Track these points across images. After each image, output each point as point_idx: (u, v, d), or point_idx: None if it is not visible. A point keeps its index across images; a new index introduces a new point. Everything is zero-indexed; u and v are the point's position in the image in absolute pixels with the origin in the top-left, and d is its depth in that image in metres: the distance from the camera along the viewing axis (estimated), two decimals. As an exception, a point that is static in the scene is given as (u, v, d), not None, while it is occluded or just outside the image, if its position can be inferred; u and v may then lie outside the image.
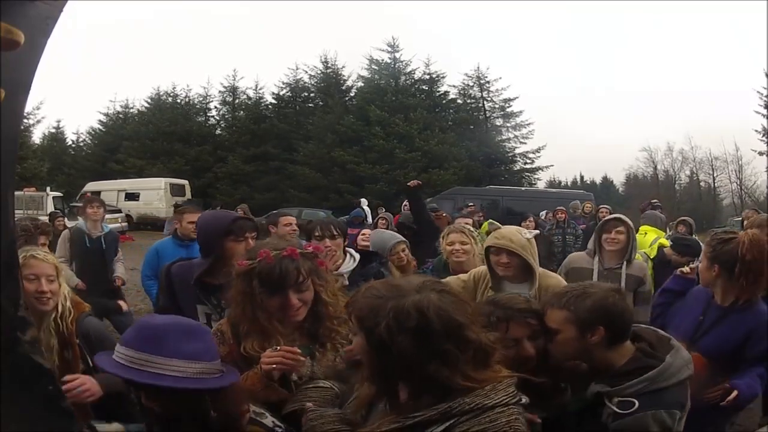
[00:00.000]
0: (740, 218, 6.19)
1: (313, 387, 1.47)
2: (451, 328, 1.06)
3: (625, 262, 3.24)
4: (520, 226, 3.56)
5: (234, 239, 2.11)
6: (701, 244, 4.75)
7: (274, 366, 1.43)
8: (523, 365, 1.46)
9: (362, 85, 27.62)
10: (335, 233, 3.04)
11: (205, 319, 2.11)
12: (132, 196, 20.85)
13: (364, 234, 4.53)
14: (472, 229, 3.62)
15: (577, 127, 58.42)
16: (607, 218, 3.47)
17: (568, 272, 3.47)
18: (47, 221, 6.06)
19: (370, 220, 9.43)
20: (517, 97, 27.30)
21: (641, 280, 3.16)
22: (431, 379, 1.07)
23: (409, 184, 5.49)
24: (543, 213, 10.35)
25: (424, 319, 1.05)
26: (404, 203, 10.04)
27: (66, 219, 8.02)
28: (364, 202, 12.82)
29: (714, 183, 30.45)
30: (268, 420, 1.34)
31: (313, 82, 29.19)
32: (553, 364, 1.58)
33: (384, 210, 9.21)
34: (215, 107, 30.45)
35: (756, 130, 24.71)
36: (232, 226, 2.12)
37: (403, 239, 3.56)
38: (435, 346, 1.06)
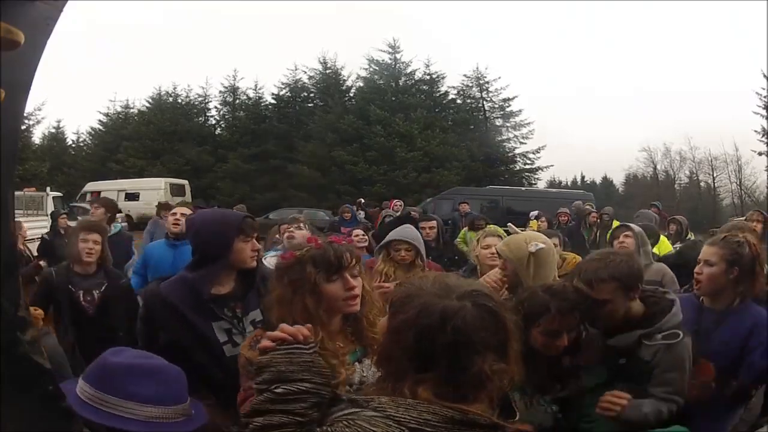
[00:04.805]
0: (744, 219, 6.20)
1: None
2: (459, 346, 0.98)
3: None
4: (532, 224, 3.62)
5: (244, 239, 2.00)
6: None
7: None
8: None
9: (362, 85, 27.62)
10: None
11: (226, 336, 1.94)
12: (132, 196, 20.81)
13: (357, 235, 4.47)
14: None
15: (577, 127, 58.50)
16: (618, 225, 3.82)
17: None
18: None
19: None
20: (516, 97, 27.33)
21: (659, 284, 3.19)
22: (404, 374, 1.02)
23: (412, 215, 5.97)
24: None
25: (441, 325, 0.98)
26: (395, 202, 10.16)
27: (67, 218, 7.97)
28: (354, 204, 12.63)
29: (714, 183, 30.42)
30: None
31: (312, 83, 29.17)
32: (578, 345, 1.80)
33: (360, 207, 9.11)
34: (215, 107, 30.49)
35: (755, 131, 24.73)
36: (243, 224, 2.01)
37: (405, 239, 3.15)
38: (431, 354, 0.99)
